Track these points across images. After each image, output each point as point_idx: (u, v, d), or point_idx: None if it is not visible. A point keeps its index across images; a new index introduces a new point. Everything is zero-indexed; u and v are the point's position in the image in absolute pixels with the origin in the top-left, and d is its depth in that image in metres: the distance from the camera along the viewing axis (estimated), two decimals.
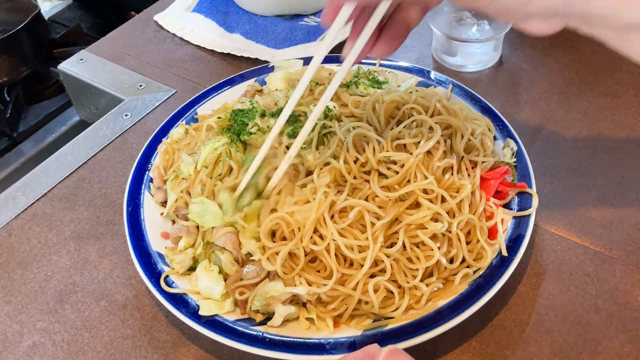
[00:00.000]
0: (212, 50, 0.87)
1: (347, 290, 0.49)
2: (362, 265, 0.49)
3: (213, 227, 0.54)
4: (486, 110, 0.65)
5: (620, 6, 0.35)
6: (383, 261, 0.50)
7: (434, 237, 0.51)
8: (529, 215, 0.54)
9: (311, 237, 0.50)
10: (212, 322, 0.49)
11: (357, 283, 0.49)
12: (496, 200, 0.55)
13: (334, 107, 0.59)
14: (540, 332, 0.51)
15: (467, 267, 0.51)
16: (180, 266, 0.53)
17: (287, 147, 0.54)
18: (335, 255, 0.50)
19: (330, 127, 0.56)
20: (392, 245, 0.51)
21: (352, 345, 0.47)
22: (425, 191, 0.52)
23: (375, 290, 0.49)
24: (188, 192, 0.58)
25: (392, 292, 0.50)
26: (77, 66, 0.87)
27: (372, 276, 0.50)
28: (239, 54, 0.85)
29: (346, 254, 0.50)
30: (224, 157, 0.57)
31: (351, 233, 0.50)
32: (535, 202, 0.55)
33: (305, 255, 0.50)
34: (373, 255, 0.49)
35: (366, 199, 0.52)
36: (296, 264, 0.50)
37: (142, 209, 0.59)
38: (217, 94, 0.71)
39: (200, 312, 0.50)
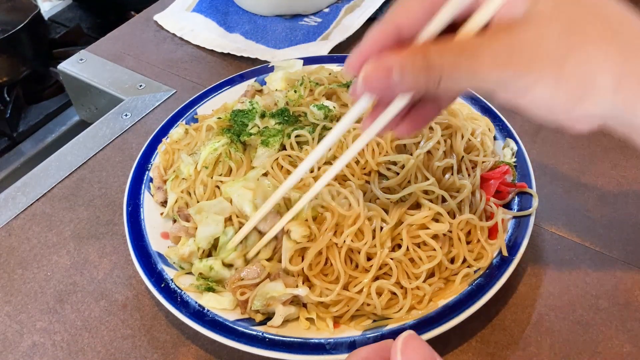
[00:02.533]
0: (212, 50, 0.87)
1: (352, 295, 0.49)
2: (367, 270, 0.49)
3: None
4: (486, 110, 0.65)
5: None
6: (387, 264, 0.50)
7: (435, 237, 0.51)
8: (529, 215, 0.54)
9: (335, 234, 0.50)
10: (212, 322, 0.49)
11: (362, 288, 0.49)
12: (496, 200, 0.55)
13: (334, 107, 0.59)
14: (540, 332, 0.51)
15: (468, 267, 0.51)
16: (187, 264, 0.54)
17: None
18: None
19: (331, 128, 0.56)
20: (394, 247, 0.51)
21: (352, 345, 0.47)
22: (425, 191, 0.52)
23: (379, 293, 0.49)
24: (188, 192, 0.58)
25: (394, 294, 0.50)
26: (77, 66, 0.87)
27: (375, 278, 0.50)
28: (239, 54, 0.85)
29: (359, 260, 0.50)
30: (223, 157, 0.57)
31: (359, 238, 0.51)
32: (535, 202, 0.55)
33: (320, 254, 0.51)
34: (380, 261, 0.49)
35: (368, 202, 0.52)
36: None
37: (142, 209, 0.59)
38: (217, 94, 0.71)
39: (201, 302, 0.50)
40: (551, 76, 0.33)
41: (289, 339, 0.48)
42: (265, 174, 0.55)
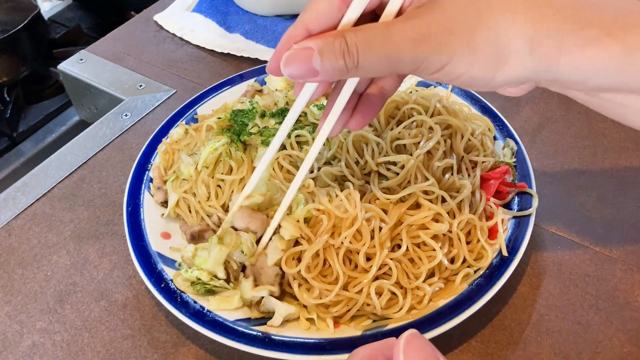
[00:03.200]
0: (212, 50, 0.87)
1: (352, 295, 0.49)
2: (366, 271, 0.49)
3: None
4: (486, 110, 0.65)
5: (589, 74, 0.34)
6: (387, 264, 0.50)
7: (434, 237, 0.51)
8: (529, 215, 0.54)
9: (333, 236, 0.50)
10: (212, 322, 0.49)
11: (362, 288, 0.49)
12: (496, 200, 0.55)
13: None
14: (540, 332, 0.51)
15: (468, 267, 0.51)
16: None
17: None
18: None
19: None
20: (394, 247, 0.51)
21: (352, 345, 0.47)
22: (425, 192, 0.52)
23: (379, 293, 0.49)
24: (192, 192, 0.58)
25: (394, 294, 0.50)
26: (77, 66, 0.87)
27: (375, 278, 0.50)
28: (239, 54, 0.85)
29: (358, 261, 0.49)
30: (224, 156, 0.57)
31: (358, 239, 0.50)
32: (535, 202, 0.55)
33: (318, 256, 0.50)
34: (380, 261, 0.49)
35: (368, 202, 0.52)
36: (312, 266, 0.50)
37: (142, 209, 0.59)
38: (217, 94, 0.71)
39: (209, 307, 0.50)
40: (464, 50, 0.34)
41: (289, 339, 0.48)
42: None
